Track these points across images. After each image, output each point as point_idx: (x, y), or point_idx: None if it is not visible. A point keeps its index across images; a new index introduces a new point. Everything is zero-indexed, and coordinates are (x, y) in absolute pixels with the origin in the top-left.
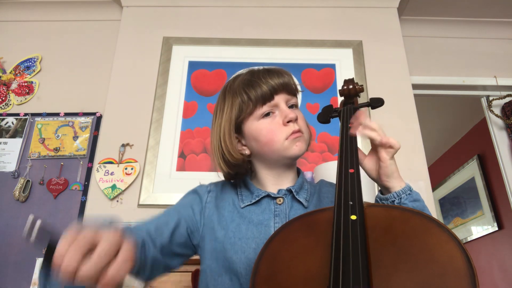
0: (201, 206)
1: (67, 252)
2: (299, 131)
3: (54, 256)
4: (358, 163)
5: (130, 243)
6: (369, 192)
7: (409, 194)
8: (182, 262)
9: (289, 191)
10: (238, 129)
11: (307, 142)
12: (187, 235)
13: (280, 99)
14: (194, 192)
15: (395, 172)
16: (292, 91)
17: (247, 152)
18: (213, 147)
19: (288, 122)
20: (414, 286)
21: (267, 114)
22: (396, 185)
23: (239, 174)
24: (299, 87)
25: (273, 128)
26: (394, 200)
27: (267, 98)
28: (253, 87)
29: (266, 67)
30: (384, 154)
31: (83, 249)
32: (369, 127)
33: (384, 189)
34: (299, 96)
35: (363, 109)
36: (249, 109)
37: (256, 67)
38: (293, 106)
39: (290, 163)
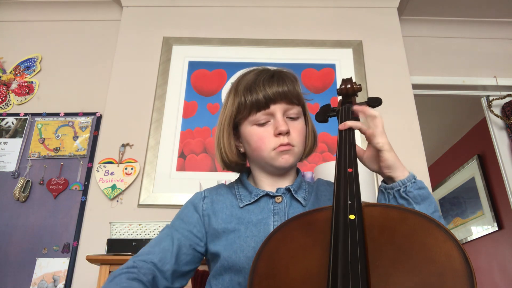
0: (198, 215)
1: None
2: (287, 144)
3: None
4: (357, 163)
5: None
6: (368, 191)
7: (414, 182)
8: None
9: (287, 190)
10: (237, 127)
11: (297, 155)
12: (192, 250)
13: (277, 109)
14: (189, 203)
15: (397, 162)
16: (292, 101)
17: (242, 150)
18: (215, 140)
19: (278, 134)
20: (412, 286)
21: (264, 123)
22: (399, 174)
23: (236, 169)
24: (303, 96)
25: (263, 136)
26: (400, 189)
27: (262, 106)
28: (251, 93)
29: (273, 70)
30: (379, 146)
31: None
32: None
33: (387, 179)
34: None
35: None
36: (245, 112)
37: (265, 70)
38: (294, 117)
39: (278, 172)
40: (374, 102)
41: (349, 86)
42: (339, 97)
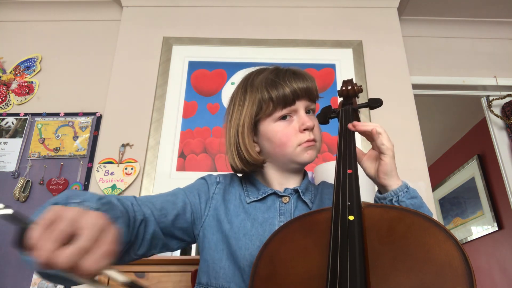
0: (208, 196)
1: (41, 240)
2: (313, 140)
3: (26, 240)
4: (357, 164)
5: (115, 231)
6: (368, 193)
7: (406, 191)
8: (180, 246)
9: (295, 190)
10: (254, 126)
11: (318, 151)
12: (191, 221)
13: (300, 105)
14: (204, 180)
15: (394, 170)
16: (313, 98)
17: (257, 149)
18: (229, 140)
19: (304, 130)
20: (412, 286)
21: (284, 117)
22: (393, 183)
23: (253, 171)
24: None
25: (289, 132)
26: (392, 199)
27: (288, 102)
28: (276, 88)
29: (291, 68)
30: (383, 151)
31: (61, 237)
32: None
33: (381, 188)
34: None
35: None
36: (269, 109)
37: (280, 67)
38: (310, 112)
39: (298, 168)
40: (375, 103)
41: (349, 87)
42: (340, 99)
